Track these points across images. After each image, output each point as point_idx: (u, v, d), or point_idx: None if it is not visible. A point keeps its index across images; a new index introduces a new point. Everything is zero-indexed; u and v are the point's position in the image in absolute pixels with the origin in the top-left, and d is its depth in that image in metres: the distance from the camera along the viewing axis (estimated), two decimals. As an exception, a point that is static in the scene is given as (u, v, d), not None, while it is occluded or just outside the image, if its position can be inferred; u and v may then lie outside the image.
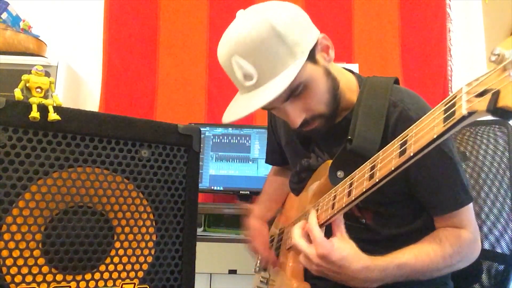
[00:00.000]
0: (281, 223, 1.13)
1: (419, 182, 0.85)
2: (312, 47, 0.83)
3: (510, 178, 1.04)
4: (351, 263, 0.73)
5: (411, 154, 0.59)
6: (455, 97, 0.53)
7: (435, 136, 0.55)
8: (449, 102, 0.54)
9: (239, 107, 0.83)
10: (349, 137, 0.87)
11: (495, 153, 1.09)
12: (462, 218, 0.86)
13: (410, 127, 0.62)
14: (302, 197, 1.04)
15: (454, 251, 0.82)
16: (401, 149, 0.61)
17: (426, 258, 0.79)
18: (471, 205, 0.87)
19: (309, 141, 1.03)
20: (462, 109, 0.50)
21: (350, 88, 0.93)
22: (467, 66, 2.32)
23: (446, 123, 0.53)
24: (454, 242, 0.83)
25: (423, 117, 0.60)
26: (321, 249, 0.72)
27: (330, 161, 0.89)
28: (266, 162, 1.28)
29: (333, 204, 0.76)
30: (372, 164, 0.67)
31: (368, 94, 0.91)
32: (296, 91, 0.82)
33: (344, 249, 0.73)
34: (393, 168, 0.62)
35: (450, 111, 0.53)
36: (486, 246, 1.06)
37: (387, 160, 0.64)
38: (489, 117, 0.48)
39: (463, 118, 0.50)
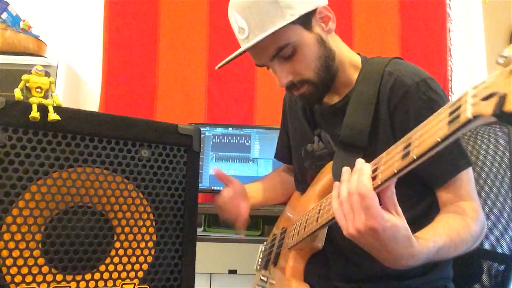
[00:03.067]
0: (282, 224, 1.13)
1: None
2: (306, 13, 0.86)
3: (510, 178, 1.04)
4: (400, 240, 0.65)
5: (414, 157, 0.58)
6: (461, 99, 0.52)
7: (439, 140, 0.54)
8: (454, 104, 0.53)
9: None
10: (338, 133, 0.88)
11: (496, 153, 1.09)
12: (467, 189, 0.83)
13: (414, 129, 0.61)
14: (305, 197, 1.05)
15: (478, 226, 0.79)
16: (405, 151, 0.61)
17: (458, 238, 0.75)
18: (471, 174, 0.85)
19: (315, 124, 1.04)
20: (467, 112, 0.49)
21: (353, 64, 0.96)
22: (467, 66, 2.32)
23: (451, 126, 0.52)
24: (474, 217, 0.79)
25: (427, 119, 0.59)
26: (372, 221, 0.63)
27: (332, 162, 0.90)
28: (275, 157, 1.29)
29: None
30: (375, 166, 0.67)
31: (364, 76, 0.92)
32: (283, 51, 0.86)
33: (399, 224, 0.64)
34: (395, 171, 0.61)
35: (455, 114, 0.52)
36: (487, 246, 1.06)
37: (389, 163, 0.63)
38: (495, 121, 0.47)
39: (469, 121, 0.49)
